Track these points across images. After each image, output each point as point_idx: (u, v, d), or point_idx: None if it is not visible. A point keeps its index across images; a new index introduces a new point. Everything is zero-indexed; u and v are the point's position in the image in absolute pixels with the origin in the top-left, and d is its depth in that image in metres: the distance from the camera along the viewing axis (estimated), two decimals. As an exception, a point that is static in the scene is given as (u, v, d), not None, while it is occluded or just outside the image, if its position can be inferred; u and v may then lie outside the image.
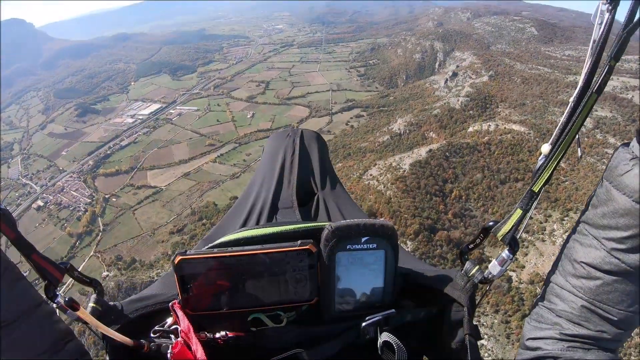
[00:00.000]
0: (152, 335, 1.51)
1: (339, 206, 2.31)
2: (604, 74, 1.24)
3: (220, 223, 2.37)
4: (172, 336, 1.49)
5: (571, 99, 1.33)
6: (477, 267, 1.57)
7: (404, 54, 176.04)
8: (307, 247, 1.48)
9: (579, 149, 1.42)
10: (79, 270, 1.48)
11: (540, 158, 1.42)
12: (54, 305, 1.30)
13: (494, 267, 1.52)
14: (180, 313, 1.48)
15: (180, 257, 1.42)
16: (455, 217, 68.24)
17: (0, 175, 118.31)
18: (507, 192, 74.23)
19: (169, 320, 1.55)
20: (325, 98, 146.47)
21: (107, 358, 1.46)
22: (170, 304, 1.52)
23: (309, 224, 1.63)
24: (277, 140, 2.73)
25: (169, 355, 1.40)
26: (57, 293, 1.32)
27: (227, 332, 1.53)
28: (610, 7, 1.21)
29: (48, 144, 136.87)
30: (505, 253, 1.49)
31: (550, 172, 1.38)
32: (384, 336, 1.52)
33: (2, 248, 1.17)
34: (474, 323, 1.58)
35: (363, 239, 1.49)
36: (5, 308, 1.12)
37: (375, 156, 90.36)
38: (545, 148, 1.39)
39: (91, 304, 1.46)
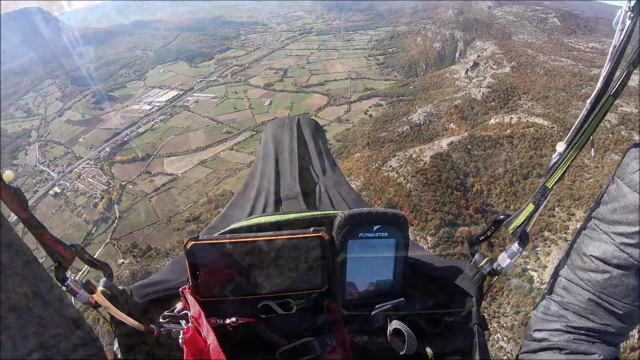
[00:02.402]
0: (161, 320, 1.48)
1: (341, 194, 2.34)
2: (622, 78, 1.25)
3: (224, 212, 2.38)
4: (182, 321, 1.47)
5: (588, 101, 1.34)
6: (485, 259, 1.57)
7: (423, 43, 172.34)
8: (319, 234, 1.46)
9: (592, 149, 1.41)
10: (92, 254, 1.45)
11: (554, 155, 1.43)
12: (64, 288, 1.27)
13: (503, 260, 1.52)
14: (190, 299, 1.45)
15: (193, 242, 1.41)
16: (476, 213, 66.29)
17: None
18: (529, 188, 71.94)
19: (178, 306, 1.53)
20: (343, 86, 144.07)
21: (116, 343, 1.43)
22: (180, 289, 1.49)
23: (322, 212, 1.62)
24: (275, 129, 2.67)
25: (180, 341, 1.37)
26: (67, 276, 1.29)
27: (238, 319, 1.49)
28: (632, 15, 1.22)
29: (65, 130, 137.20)
30: (515, 246, 1.51)
31: (564, 169, 1.39)
32: (394, 324, 1.51)
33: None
34: (481, 314, 1.59)
35: (375, 227, 1.48)
36: (17, 291, 1.08)
37: (395, 147, 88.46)
38: (561, 146, 1.40)
39: (101, 288, 1.41)
